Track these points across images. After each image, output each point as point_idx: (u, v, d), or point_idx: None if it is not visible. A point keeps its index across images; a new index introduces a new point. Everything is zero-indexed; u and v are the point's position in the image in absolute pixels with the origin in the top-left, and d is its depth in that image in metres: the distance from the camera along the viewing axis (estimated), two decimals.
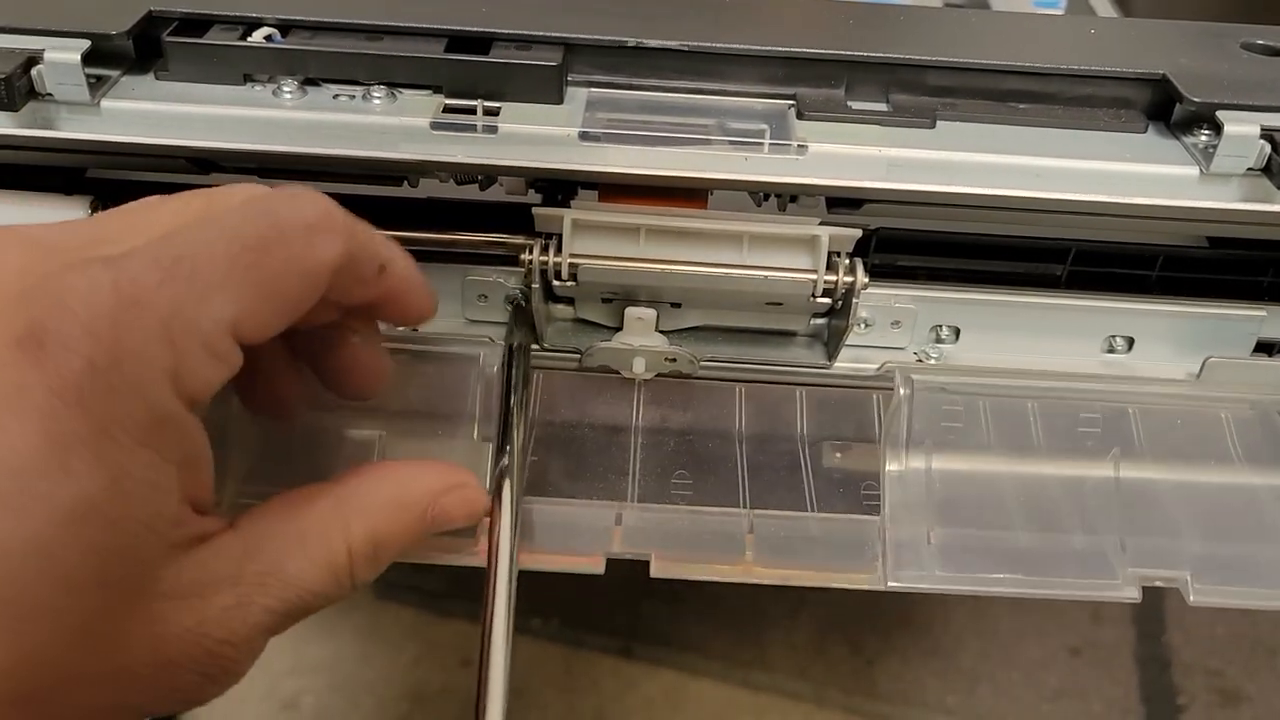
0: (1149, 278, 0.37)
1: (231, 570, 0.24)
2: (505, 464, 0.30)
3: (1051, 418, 0.33)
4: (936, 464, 0.32)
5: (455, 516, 0.28)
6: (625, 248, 0.33)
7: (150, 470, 0.22)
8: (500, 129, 0.33)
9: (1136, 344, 0.37)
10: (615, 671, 0.86)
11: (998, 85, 0.35)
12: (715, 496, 0.33)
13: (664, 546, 0.32)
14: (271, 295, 0.23)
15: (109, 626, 0.22)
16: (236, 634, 0.24)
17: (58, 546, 0.20)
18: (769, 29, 0.36)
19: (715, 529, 0.32)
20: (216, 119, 0.33)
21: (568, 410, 0.36)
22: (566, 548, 0.32)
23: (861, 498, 0.33)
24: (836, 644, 0.89)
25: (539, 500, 0.33)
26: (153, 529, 0.22)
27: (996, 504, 0.32)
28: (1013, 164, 0.33)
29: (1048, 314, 0.37)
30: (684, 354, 0.35)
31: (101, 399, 0.21)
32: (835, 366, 0.37)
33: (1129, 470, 0.32)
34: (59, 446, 0.20)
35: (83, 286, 0.21)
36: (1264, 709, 0.87)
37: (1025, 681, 0.89)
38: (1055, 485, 0.32)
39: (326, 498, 0.26)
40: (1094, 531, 0.31)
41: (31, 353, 0.20)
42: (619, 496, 0.33)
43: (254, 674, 0.25)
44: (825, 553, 0.32)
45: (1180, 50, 0.36)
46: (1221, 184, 0.33)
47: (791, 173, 0.32)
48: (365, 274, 0.26)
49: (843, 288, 0.33)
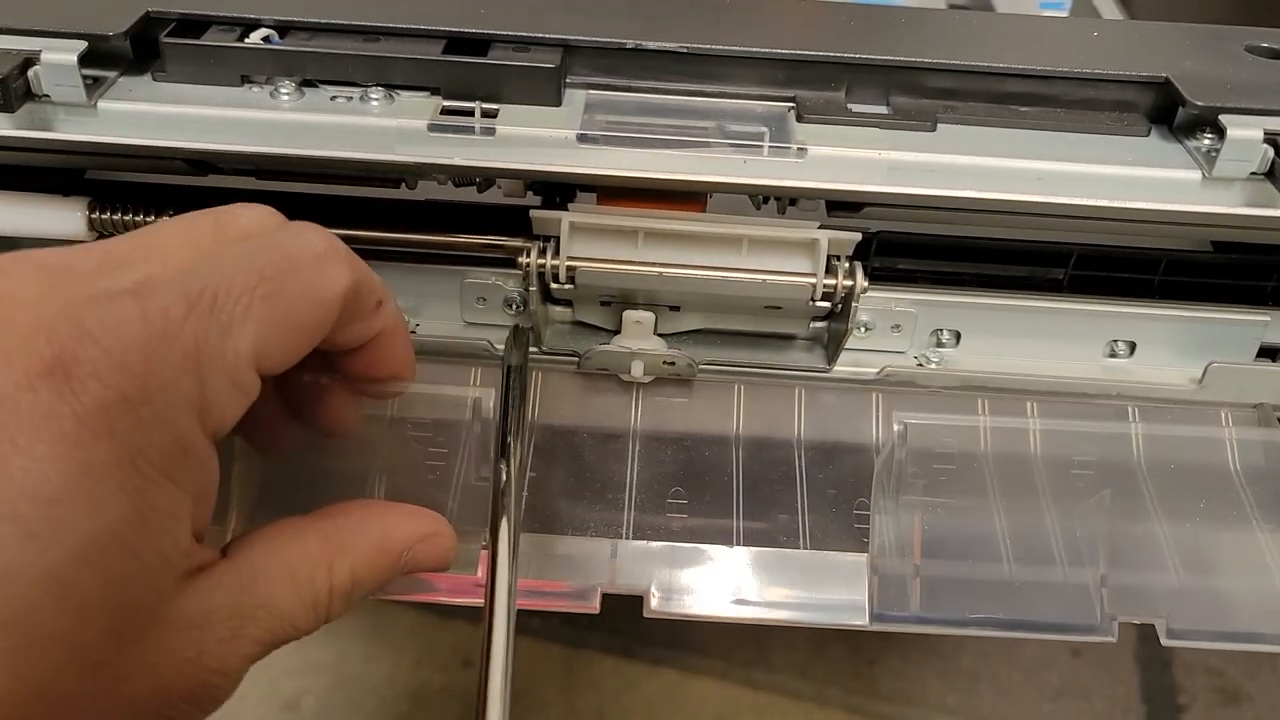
0: (1152, 282, 0.37)
1: (230, 602, 0.24)
2: (503, 487, 0.30)
3: (1048, 458, 0.33)
4: (928, 507, 0.32)
5: (427, 562, 0.29)
6: (623, 250, 0.33)
7: (171, 502, 0.22)
8: (498, 131, 0.33)
9: (1139, 349, 0.37)
10: (615, 671, 0.86)
11: (999, 88, 0.35)
12: (711, 511, 0.33)
13: (659, 585, 0.32)
14: (289, 325, 0.24)
15: (116, 656, 0.22)
16: (229, 664, 0.24)
17: (77, 575, 0.21)
18: (768, 31, 0.35)
19: (709, 564, 0.33)
20: (214, 120, 0.33)
21: (565, 416, 0.36)
22: (560, 588, 0.32)
23: (854, 519, 0.33)
24: (837, 643, 0.89)
25: (535, 536, 0.33)
26: (168, 560, 0.22)
27: (985, 542, 0.32)
28: (1014, 168, 0.32)
29: (1050, 318, 0.37)
30: (683, 357, 0.35)
31: (130, 430, 0.21)
32: (835, 370, 0.37)
33: (1121, 509, 0.32)
34: (86, 476, 0.20)
35: (111, 318, 0.21)
36: (1265, 708, 0.87)
37: (1026, 681, 0.89)
38: (1045, 524, 0.32)
39: (314, 534, 0.27)
40: (1079, 564, 0.31)
41: (60, 382, 0.21)
42: (615, 520, 0.33)
43: (255, 674, 0.25)
44: (813, 592, 0.32)
45: (1184, 53, 0.35)
46: (1224, 188, 0.32)
47: (791, 176, 0.32)
48: (367, 307, 0.27)
49: (842, 291, 0.33)
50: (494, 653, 0.27)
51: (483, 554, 0.31)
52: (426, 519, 0.29)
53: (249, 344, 0.23)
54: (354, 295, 0.26)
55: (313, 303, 0.25)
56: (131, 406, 0.21)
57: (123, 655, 0.22)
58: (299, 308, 0.24)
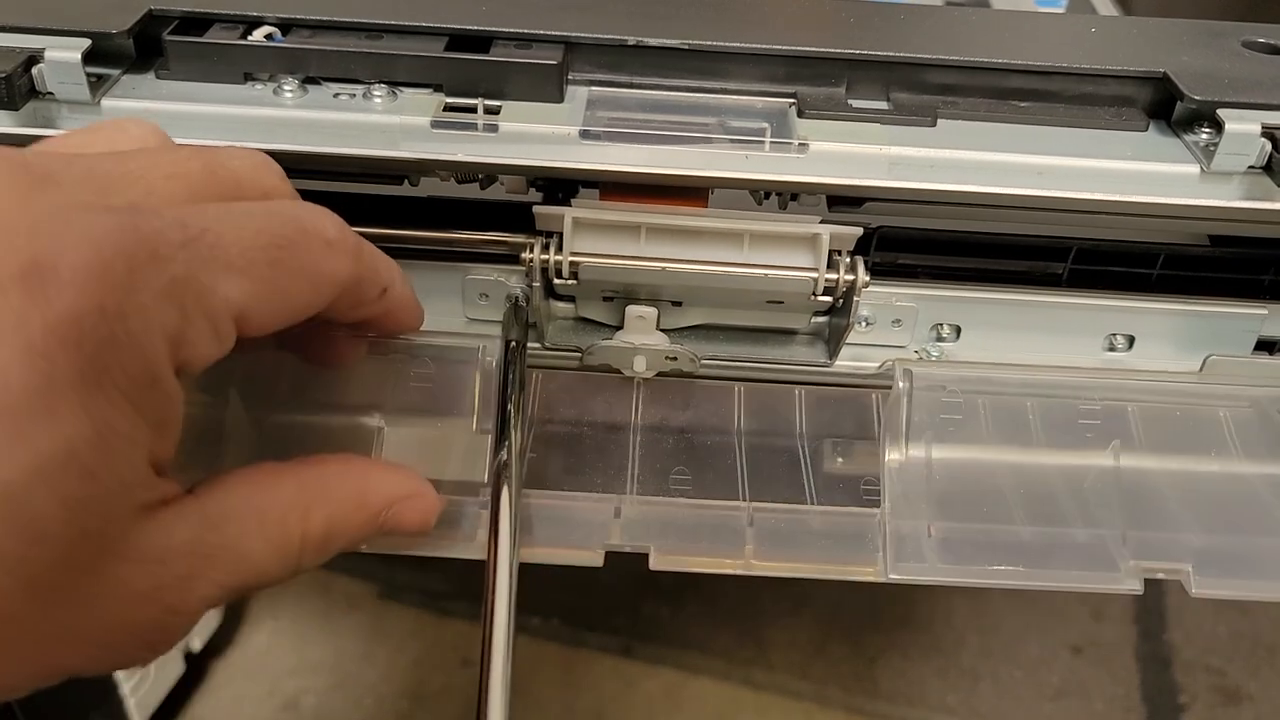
0: (1150, 276, 0.37)
1: (191, 539, 0.23)
2: (504, 459, 0.30)
3: (1051, 412, 0.33)
4: (936, 456, 0.32)
5: (407, 524, 0.28)
6: (626, 246, 0.33)
7: (132, 428, 0.21)
8: (501, 128, 0.33)
9: (1137, 342, 0.37)
10: (615, 671, 0.86)
11: (998, 84, 0.35)
12: (714, 491, 0.33)
13: (663, 539, 0.32)
14: (282, 294, 0.24)
15: (67, 583, 0.21)
16: (185, 603, 0.23)
17: (32, 493, 0.20)
18: (769, 27, 0.36)
19: (715, 522, 0.32)
20: (217, 118, 0.33)
21: (567, 409, 0.36)
22: (566, 542, 0.32)
23: (861, 494, 0.33)
24: (837, 642, 0.89)
25: (538, 494, 0.33)
26: (126, 487, 0.22)
27: (996, 497, 0.32)
28: (1015, 162, 0.33)
29: (1049, 312, 0.37)
30: (685, 352, 0.35)
31: (100, 346, 0.20)
32: (836, 365, 0.37)
33: (1129, 462, 0.32)
34: (48, 389, 0.19)
35: (101, 227, 0.20)
36: (1265, 708, 0.87)
37: (1026, 680, 0.89)
38: (1055, 479, 0.32)
39: (289, 481, 0.26)
40: (1094, 524, 0.31)
41: (34, 286, 0.20)
42: (618, 491, 0.33)
43: (255, 674, 0.25)
44: (826, 545, 0.32)
45: (1181, 48, 0.36)
46: (1222, 182, 0.32)
47: (793, 171, 0.32)
48: (369, 296, 0.27)
49: (844, 286, 0.33)
50: (495, 652, 0.27)
51: (482, 521, 0.30)
52: (409, 479, 0.28)
53: (238, 296, 0.23)
54: (354, 285, 0.26)
55: (310, 283, 0.24)
56: (106, 320, 0.20)
57: (75, 583, 0.21)
58: (295, 283, 0.24)
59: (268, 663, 0.79)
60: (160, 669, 0.77)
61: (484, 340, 0.34)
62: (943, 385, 0.33)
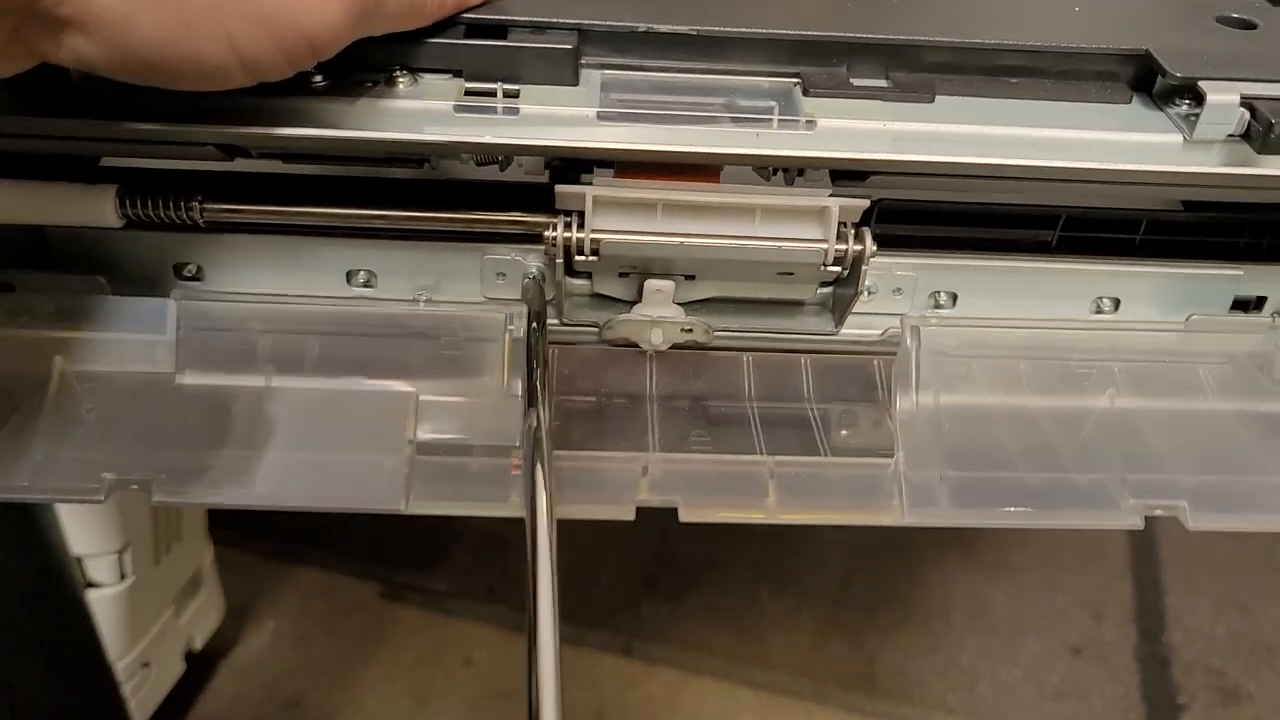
0: (1133, 241, 0.39)
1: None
2: (535, 422, 0.31)
3: (1049, 366, 0.35)
4: (945, 405, 0.34)
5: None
6: (644, 222, 0.35)
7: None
8: (521, 110, 0.34)
9: (1123, 304, 0.39)
10: (615, 670, 0.86)
11: (991, 62, 0.37)
12: (734, 449, 0.35)
13: (690, 493, 0.34)
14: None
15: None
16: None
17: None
18: (772, 12, 0.37)
19: (738, 476, 0.34)
20: (243, 107, 0.33)
21: (585, 381, 0.38)
22: (598, 499, 0.33)
23: (874, 449, 0.35)
24: (837, 641, 0.90)
25: (569, 455, 0.34)
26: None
27: (1002, 447, 0.34)
28: (1010, 135, 0.34)
29: (1040, 277, 0.39)
30: (700, 324, 0.37)
31: None
32: (840, 333, 0.39)
33: (1122, 408, 0.34)
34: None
35: None
36: (1264, 708, 0.88)
37: (1025, 679, 0.89)
38: (1056, 428, 0.34)
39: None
40: (1093, 470, 0.33)
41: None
42: (642, 451, 0.35)
43: (256, 674, 0.26)
44: (845, 494, 0.34)
45: (1159, 25, 0.38)
46: (1204, 150, 0.34)
47: (802, 147, 0.34)
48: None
49: (852, 256, 0.35)
50: (540, 566, 0.28)
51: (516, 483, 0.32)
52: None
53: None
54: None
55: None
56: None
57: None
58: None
59: (269, 662, 0.79)
60: (160, 669, 0.76)
61: (509, 308, 0.35)
62: (947, 343, 0.34)
